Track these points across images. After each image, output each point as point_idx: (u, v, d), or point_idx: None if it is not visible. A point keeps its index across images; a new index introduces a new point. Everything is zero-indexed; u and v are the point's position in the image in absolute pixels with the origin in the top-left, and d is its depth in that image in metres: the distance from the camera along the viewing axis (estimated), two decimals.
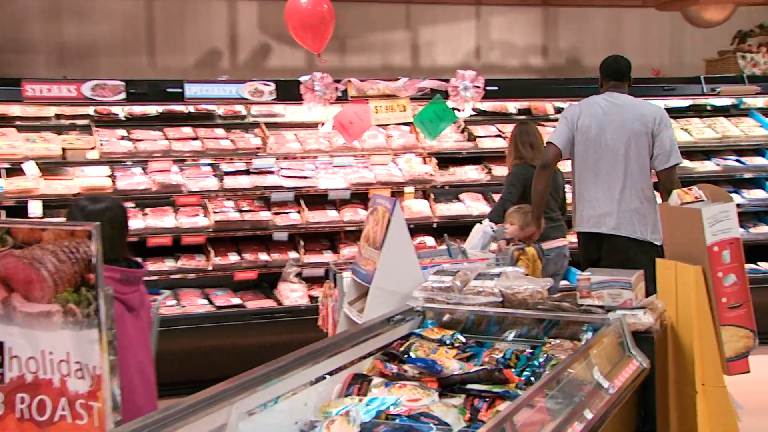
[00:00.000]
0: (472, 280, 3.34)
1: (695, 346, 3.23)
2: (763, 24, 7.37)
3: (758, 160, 6.99)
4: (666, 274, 3.36)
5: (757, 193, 6.94)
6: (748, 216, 6.89)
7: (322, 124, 6.12)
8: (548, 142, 4.81)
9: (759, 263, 6.82)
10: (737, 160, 6.95)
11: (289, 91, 6.01)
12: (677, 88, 7.00)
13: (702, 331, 3.26)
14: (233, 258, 5.89)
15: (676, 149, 4.64)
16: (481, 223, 5.11)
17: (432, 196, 6.40)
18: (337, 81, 6.02)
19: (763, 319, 3.54)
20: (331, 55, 6.35)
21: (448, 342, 3.03)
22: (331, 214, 6.13)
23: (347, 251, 6.05)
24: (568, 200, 5.50)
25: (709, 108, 7.32)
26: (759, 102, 7.48)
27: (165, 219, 5.79)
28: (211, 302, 5.78)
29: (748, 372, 3.39)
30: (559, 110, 7.05)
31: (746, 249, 3.41)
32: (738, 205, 3.49)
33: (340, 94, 6.01)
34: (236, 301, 5.80)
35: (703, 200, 3.52)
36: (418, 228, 6.16)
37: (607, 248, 4.68)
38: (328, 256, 6.04)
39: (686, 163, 6.96)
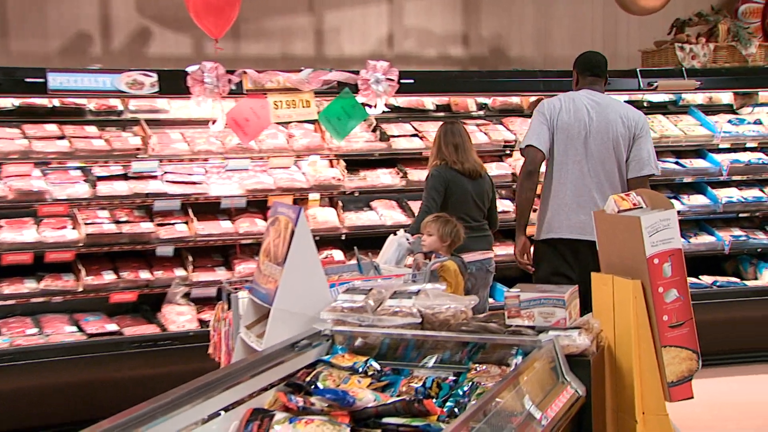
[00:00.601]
0: (387, 299, 3.36)
1: (635, 370, 3.32)
2: (702, 12, 7.65)
3: (699, 163, 7.28)
4: (602, 290, 3.45)
5: (698, 199, 7.22)
6: (688, 224, 7.16)
7: (214, 121, 6.07)
8: (528, 146, 4.88)
9: (701, 277, 7.10)
10: (676, 163, 7.20)
11: (174, 83, 5.92)
12: (611, 81, 7.12)
13: (642, 353, 3.36)
14: (108, 277, 5.77)
15: (653, 158, 4.91)
16: (395, 234, 5.16)
17: (340, 203, 6.42)
18: (231, 72, 5.96)
19: (706, 338, 3.67)
20: (222, 41, 6.29)
21: (360, 370, 3.03)
22: (224, 226, 6.08)
23: (243, 268, 6.00)
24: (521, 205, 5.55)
25: (645, 104, 7.56)
26: (699, 98, 7.80)
27: (24, 232, 5.63)
28: (81, 329, 5.65)
29: (692, 398, 3.51)
30: (481, 107, 7.19)
31: (687, 261, 3.54)
32: (678, 213, 3.61)
33: (233, 87, 5.96)
34: (112, 327, 5.69)
35: (641, 207, 3.63)
36: (324, 240, 6.17)
37: (588, 257, 4.79)
38: (220, 274, 5.99)
39: None
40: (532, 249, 5.00)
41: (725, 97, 7.84)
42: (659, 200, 3.65)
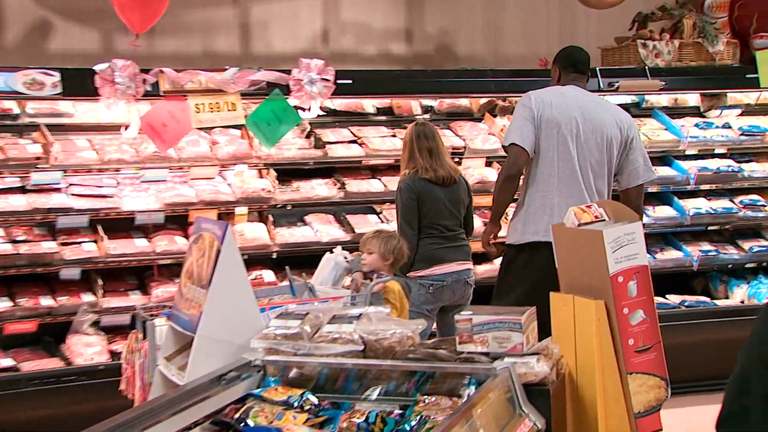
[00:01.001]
0: (325, 325, 3.37)
1: (598, 399, 3.37)
2: (665, 6, 7.79)
3: (665, 171, 7.43)
4: (562, 311, 3.49)
5: (664, 211, 7.37)
6: (654, 238, 7.30)
7: (126, 127, 6.04)
8: (511, 144, 4.95)
9: (668, 296, 7.24)
10: None
11: (79, 83, 5.87)
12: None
13: (606, 380, 3.41)
14: (3, 305, 5.70)
15: (650, 163, 5.15)
16: (332, 252, 5.18)
17: (270, 218, 6.42)
18: (145, 71, 5.92)
19: (675, 364, 3.74)
20: (128, 37, 6.22)
21: (296, 404, 3.03)
22: (139, 244, 6.04)
23: (162, 291, 5.97)
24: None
25: None
26: (663, 100, 7.96)
27: None
28: None
29: (660, 430, 3.57)
30: (427, 109, 7.25)
31: (653, 279, 3.60)
32: (643, 226, 3.69)
33: (149, 89, 5.94)
34: (7, 362, 5.61)
35: (604, 220, 3.68)
36: (253, 259, 6.16)
37: None
38: (135, 299, 5.94)
39: None
40: (506, 258, 5.13)
41: (692, 98, 8.02)
42: (623, 212, 3.71)
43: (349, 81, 6.46)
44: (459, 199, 5.72)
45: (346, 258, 5.16)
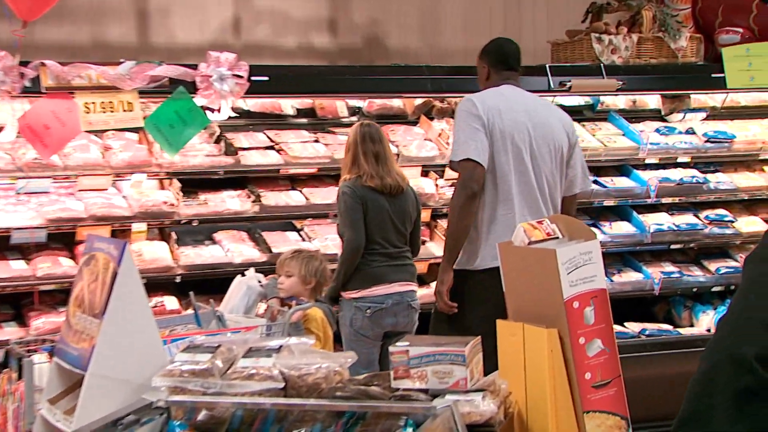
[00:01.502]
0: (239, 359, 3.35)
1: None
2: None
3: (622, 182, 7.57)
4: (510, 342, 3.52)
5: (622, 227, 7.50)
6: (611, 258, 7.41)
7: (1, 128, 5.98)
8: (468, 159, 4.86)
9: (626, 324, 7.34)
10: (595, 181, 7.45)
11: None
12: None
13: (560, 420, 3.43)
14: None
15: (587, 171, 5.29)
16: (243, 275, 5.16)
17: (174, 236, 6.43)
18: (24, 64, 5.85)
19: (636, 400, 3.77)
20: (10, 23, 6.11)
21: None
22: (15, 267, 5.98)
23: (43, 322, 5.91)
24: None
25: None
26: (620, 101, 8.12)
27: None
28: None
29: None
30: (355, 111, 7.28)
31: (611, 304, 3.64)
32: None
33: (28, 84, 5.88)
34: None
35: (557, 237, 3.72)
36: (153, 284, 6.11)
37: None
38: (10, 331, 5.88)
39: None
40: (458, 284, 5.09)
41: (652, 100, 8.20)
42: (578, 229, 3.74)
43: (265, 78, 6.47)
44: (406, 212, 5.76)
45: (260, 282, 5.14)
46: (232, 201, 6.55)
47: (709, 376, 2.01)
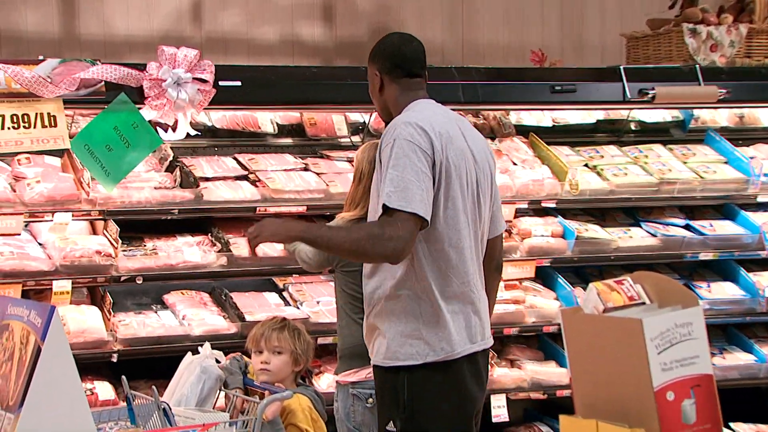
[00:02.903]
0: None
1: None
2: None
3: (725, 227, 7.64)
4: None
5: (725, 289, 7.55)
6: (709, 333, 7.36)
7: None
8: (399, 211, 4.77)
9: (732, 425, 7.36)
10: (687, 226, 7.59)
11: None
12: (576, 87, 7.49)
13: None
14: None
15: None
16: (196, 353, 5.17)
17: (110, 298, 6.43)
18: None
19: None
20: None
21: None
22: None
23: None
24: None
25: (633, 126, 8.01)
26: (723, 117, 8.15)
27: None
28: None
29: None
30: (358, 128, 7.32)
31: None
32: None
33: None
34: None
35: (643, 302, 3.74)
36: (81, 364, 6.03)
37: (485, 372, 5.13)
38: None
39: (596, 229, 7.50)
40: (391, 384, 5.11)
41: (766, 115, 8.26)
42: (672, 291, 3.74)
43: (237, 83, 6.54)
44: None
45: (218, 361, 5.14)
46: (190, 250, 6.60)
47: None
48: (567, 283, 7.48)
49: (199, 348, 5.19)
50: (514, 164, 7.61)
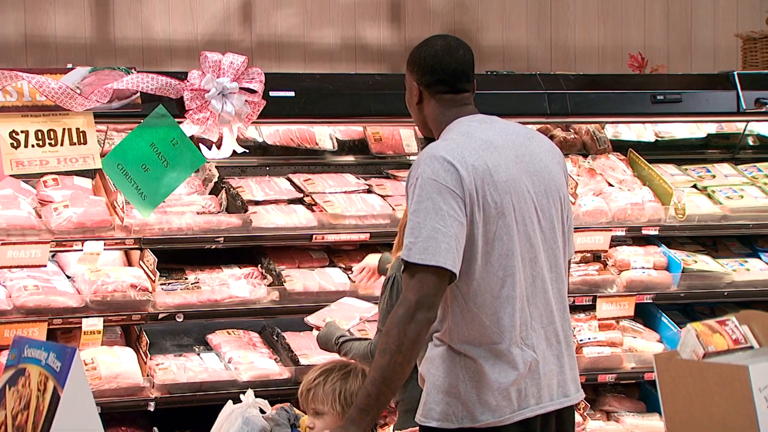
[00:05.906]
0: None
1: None
2: None
3: None
4: None
5: None
6: None
7: None
8: (432, 267, 4.70)
9: None
10: None
11: None
12: (682, 97, 7.47)
13: None
14: None
15: None
16: (237, 402, 5.19)
17: (146, 339, 6.44)
18: None
19: None
20: None
21: None
22: None
23: None
24: None
25: (750, 141, 7.99)
26: None
27: None
28: None
29: None
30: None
31: None
32: None
33: None
34: None
35: (750, 346, 3.70)
36: (113, 413, 6.19)
37: None
38: None
39: (706, 261, 7.36)
40: None
41: None
42: None
43: (291, 93, 6.56)
44: None
45: (263, 412, 5.18)
46: (237, 284, 6.62)
47: None
48: (672, 322, 7.42)
49: (241, 396, 5.22)
50: (611, 185, 7.58)
